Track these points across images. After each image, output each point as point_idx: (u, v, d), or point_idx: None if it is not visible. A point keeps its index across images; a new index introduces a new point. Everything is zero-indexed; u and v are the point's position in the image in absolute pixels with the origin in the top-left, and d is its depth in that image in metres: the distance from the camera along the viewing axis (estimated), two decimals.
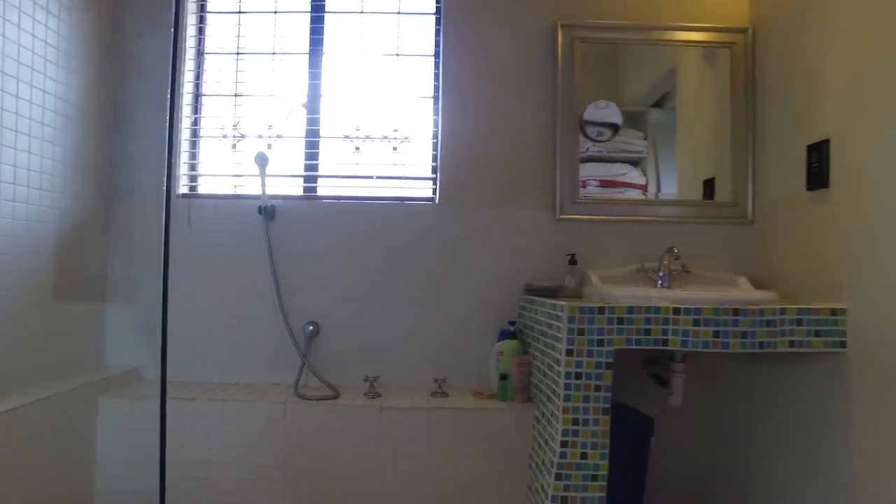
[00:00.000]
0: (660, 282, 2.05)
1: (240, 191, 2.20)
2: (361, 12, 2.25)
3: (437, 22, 2.25)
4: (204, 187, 2.24)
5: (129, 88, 2.15)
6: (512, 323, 2.07)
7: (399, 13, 2.25)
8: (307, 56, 2.25)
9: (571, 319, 1.59)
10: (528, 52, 2.18)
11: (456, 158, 2.16)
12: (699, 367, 2.07)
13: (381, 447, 1.78)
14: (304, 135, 2.23)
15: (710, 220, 2.20)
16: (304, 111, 2.23)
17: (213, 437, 1.79)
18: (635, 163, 2.25)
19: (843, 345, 1.65)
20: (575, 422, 1.58)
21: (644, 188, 2.24)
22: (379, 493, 1.78)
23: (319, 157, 2.22)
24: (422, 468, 1.79)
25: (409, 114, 2.24)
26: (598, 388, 1.59)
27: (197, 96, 2.23)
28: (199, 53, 2.24)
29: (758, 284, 2.04)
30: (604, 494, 1.57)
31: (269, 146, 2.20)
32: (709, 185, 2.27)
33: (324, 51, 2.24)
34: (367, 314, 2.10)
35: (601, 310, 1.60)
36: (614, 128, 2.20)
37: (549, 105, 2.18)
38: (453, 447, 1.81)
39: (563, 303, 1.64)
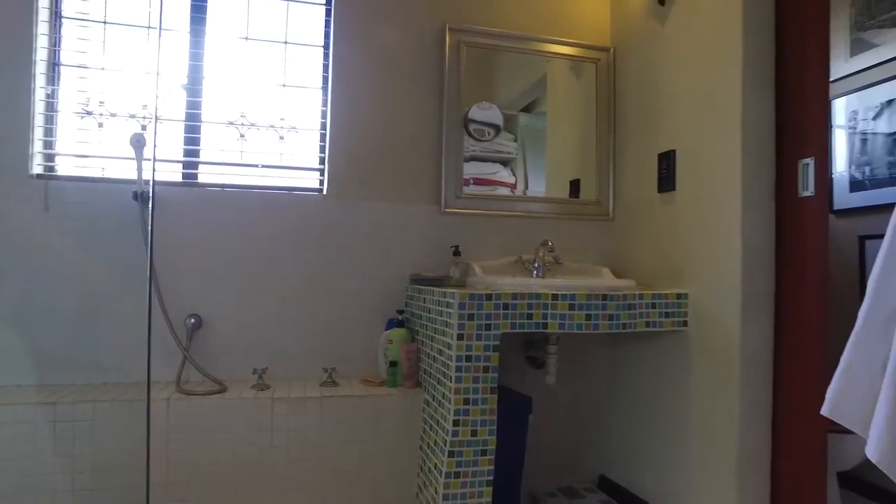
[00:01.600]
0: (535, 272, 2.24)
1: (108, 174, 2.01)
2: None
3: (328, 13, 2.24)
4: (64, 168, 2.01)
5: None
6: (400, 312, 2.14)
7: (288, 0, 2.21)
8: (188, 34, 2.12)
9: (462, 306, 1.69)
10: (417, 52, 2.26)
11: (345, 150, 2.17)
12: (569, 349, 2.31)
13: (274, 439, 1.75)
14: (183, 118, 2.10)
15: (576, 216, 2.44)
16: (184, 93, 2.10)
17: (80, 441, 1.63)
18: (505, 163, 2.42)
19: (685, 324, 1.94)
20: (466, 402, 1.69)
21: (513, 186, 2.42)
22: (273, 485, 1.75)
23: (201, 143, 2.11)
24: (315, 456, 1.79)
25: (296, 103, 2.21)
26: (486, 370, 1.71)
27: (54, 66, 2.00)
28: (56, 16, 2.01)
29: (618, 274, 2.31)
30: (492, 467, 1.70)
31: (144, 127, 2.04)
32: (574, 185, 2.51)
33: (206, 31, 2.13)
34: (253, 305, 2.04)
35: (489, 297, 1.72)
36: (496, 128, 2.35)
37: (437, 103, 2.27)
38: (346, 434, 1.83)
39: (454, 290, 1.75)
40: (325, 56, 2.23)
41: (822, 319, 1.66)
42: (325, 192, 2.15)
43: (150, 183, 1.80)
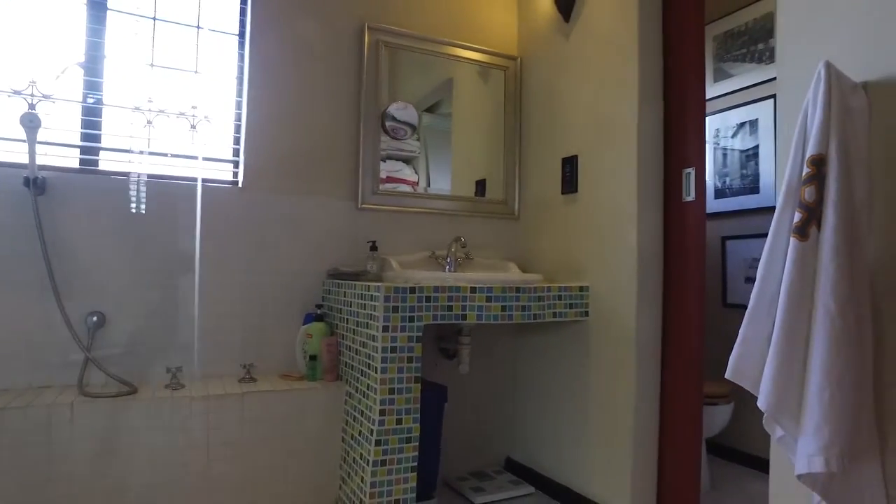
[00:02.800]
0: (448, 267, 2.34)
1: None
2: None
3: (243, 1, 2.18)
4: None
5: None
6: (319, 306, 2.14)
7: None
8: (86, 7, 1.95)
9: (387, 298, 1.75)
10: (337, 48, 2.27)
11: (262, 143, 2.13)
12: (479, 339, 2.44)
13: (193, 438, 1.68)
14: (81, 99, 1.93)
15: (484, 215, 2.58)
16: (82, 71, 1.94)
17: None
18: (407, 161, 2.49)
19: (586, 314, 2.14)
20: (391, 391, 1.74)
21: (415, 184, 2.49)
22: (194, 485, 1.68)
23: (102, 128, 1.95)
24: (237, 454, 1.75)
25: (209, 93, 2.12)
26: (409, 360, 1.78)
27: None
28: None
29: (524, 269, 2.48)
30: (416, 454, 1.77)
31: (32, 106, 1.85)
32: (480, 185, 2.65)
33: (107, 5, 1.97)
34: (163, 301, 1.93)
35: (412, 290, 1.79)
36: (413, 127, 2.42)
37: (355, 100, 2.30)
38: (268, 430, 1.81)
39: (379, 284, 1.79)
40: (241, 45, 2.17)
41: (701, 309, 1.93)
42: (240, 184, 2.09)
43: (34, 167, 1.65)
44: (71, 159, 1.92)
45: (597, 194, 2.17)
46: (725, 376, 0.96)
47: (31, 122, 1.70)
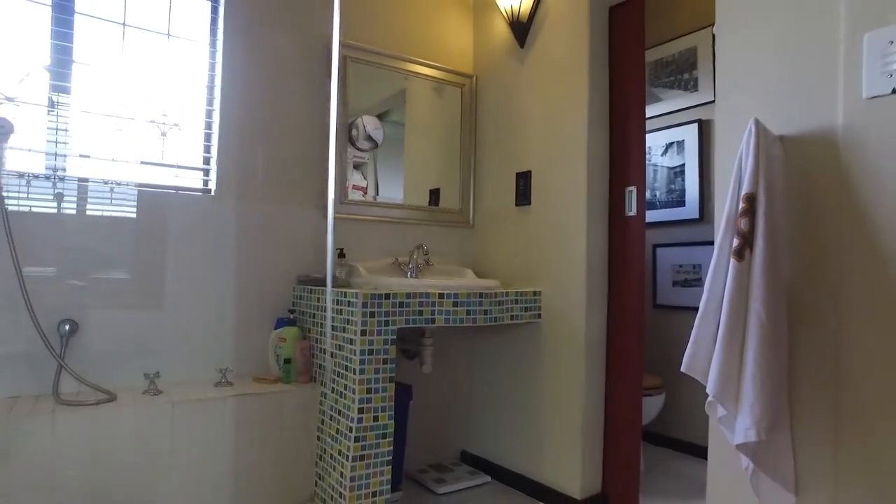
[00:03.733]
0: (410, 273, 2.49)
1: None
2: None
3: (213, 10, 2.21)
4: None
5: None
6: (291, 311, 2.22)
7: None
8: (50, 8, 1.93)
9: (364, 304, 1.87)
10: (307, 61, 2.35)
11: (234, 153, 2.18)
12: (439, 341, 2.60)
13: (174, 443, 1.73)
14: (46, 104, 1.91)
15: (441, 223, 2.74)
16: (48, 75, 1.91)
17: None
18: (357, 166, 2.57)
19: (539, 316, 2.35)
20: (368, 391, 1.87)
21: (364, 190, 2.60)
22: (174, 490, 1.73)
23: (69, 134, 1.94)
24: (218, 457, 1.81)
25: (179, 100, 2.14)
26: (385, 361, 1.91)
27: None
28: None
29: (479, 274, 2.67)
30: (391, 448, 1.91)
31: None
32: (434, 194, 2.80)
33: (76, 8, 1.96)
34: (136, 308, 1.95)
35: (387, 296, 1.93)
36: (375, 143, 2.53)
37: (323, 113, 2.38)
38: (248, 431, 1.87)
39: (357, 290, 1.91)
40: (212, 55, 2.20)
41: (640, 312, 2.19)
42: (213, 192, 2.13)
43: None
44: (36, 165, 1.89)
45: (549, 207, 2.38)
46: (681, 370, 1.17)
47: (4, 128, 1.68)
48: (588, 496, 2.19)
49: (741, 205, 1.14)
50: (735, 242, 1.13)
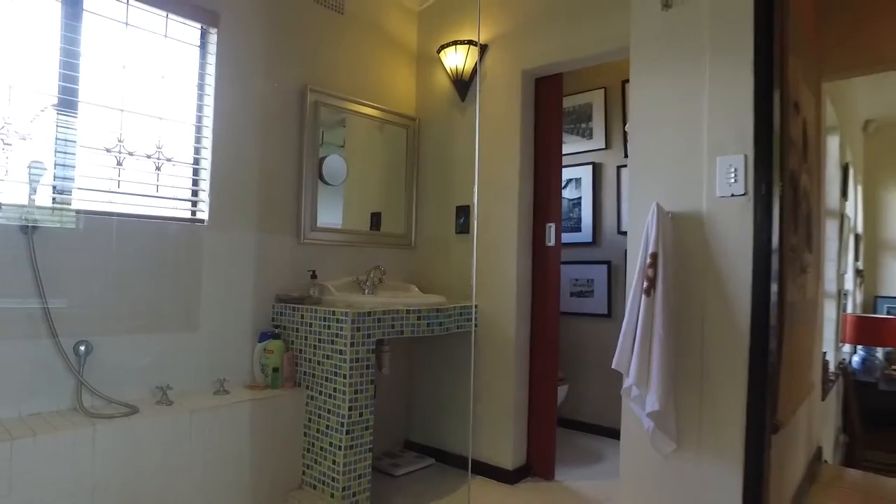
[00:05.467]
0: (367, 290, 2.90)
1: None
2: (126, 24, 2.24)
3: (202, 56, 2.47)
4: None
5: None
6: (276, 326, 2.54)
7: (166, 37, 2.36)
8: (59, 52, 2.09)
9: (354, 321, 2.28)
10: (285, 104, 2.67)
11: (224, 185, 2.45)
12: (394, 348, 3.04)
13: (193, 445, 2.01)
14: (54, 140, 2.07)
15: (388, 245, 3.18)
16: (55, 113, 2.07)
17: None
18: None
19: (477, 326, 2.90)
20: (355, 392, 2.28)
21: None
22: (192, 485, 2.01)
23: (76, 169, 2.11)
24: (224, 455, 2.12)
25: (170, 137, 2.37)
26: (368, 367, 2.34)
27: None
28: None
29: (422, 290, 3.14)
30: (372, 438, 2.33)
31: (9, 144, 1.96)
32: (376, 217, 3.21)
33: (80, 52, 2.13)
34: (140, 328, 2.17)
35: (369, 314, 2.35)
36: (344, 176, 2.91)
37: (297, 150, 2.72)
38: (249, 432, 2.20)
39: (347, 310, 2.31)
40: (199, 97, 2.45)
41: (556, 321, 2.81)
42: (206, 222, 2.39)
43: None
44: (44, 197, 2.04)
45: (486, 237, 2.93)
46: (612, 367, 1.76)
47: (36, 170, 1.85)
48: (517, 467, 2.78)
49: (648, 260, 1.75)
50: (644, 285, 1.74)
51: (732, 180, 1.75)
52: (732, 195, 1.75)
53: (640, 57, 2.00)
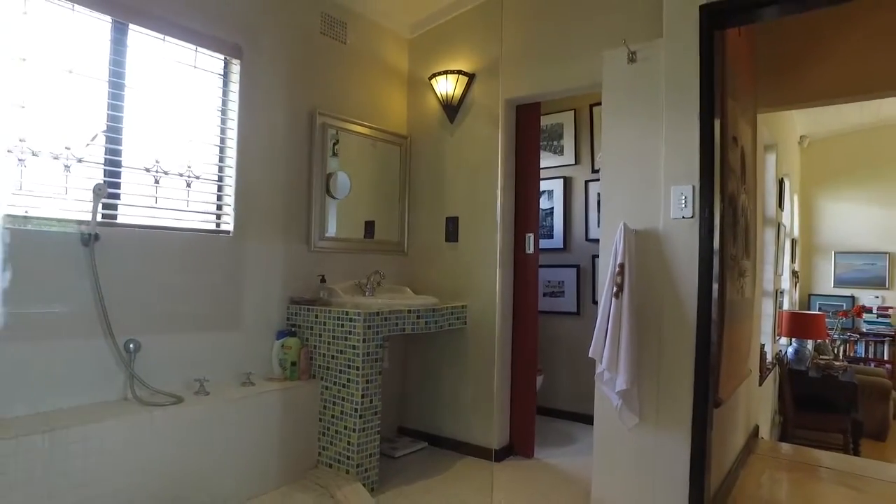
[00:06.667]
0: (368, 292, 3.25)
1: (32, 212, 2.13)
2: (162, 57, 2.52)
3: (225, 83, 2.76)
4: None
5: None
6: (292, 325, 2.86)
7: (195, 67, 2.64)
8: (107, 83, 2.36)
9: (366, 320, 2.63)
10: (298, 126, 2.99)
11: (245, 200, 2.75)
12: (393, 344, 3.39)
13: (229, 430, 2.33)
14: (103, 162, 2.34)
15: (384, 252, 3.53)
16: (103, 138, 2.34)
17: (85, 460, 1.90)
18: None
19: (465, 323, 3.28)
20: (367, 382, 2.63)
21: None
22: (231, 462, 2.32)
23: (121, 186, 2.39)
24: (258, 437, 2.44)
25: (197, 155, 2.66)
26: (377, 360, 2.69)
27: None
28: None
29: (415, 292, 3.50)
30: (380, 422, 2.69)
31: (67, 167, 2.23)
32: (370, 225, 3.55)
33: (125, 84, 2.40)
34: (177, 329, 2.46)
35: (378, 314, 2.70)
36: (346, 193, 3.24)
37: (307, 168, 3.04)
38: (275, 417, 2.52)
39: (359, 310, 2.66)
40: (223, 120, 2.75)
41: (535, 320, 3.22)
42: (231, 233, 2.70)
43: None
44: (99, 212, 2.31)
45: (472, 245, 3.31)
46: (589, 355, 2.17)
47: (99, 191, 2.13)
48: (501, 447, 3.18)
49: (617, 269, 2.17)
50: (614, 289, 2.16)
51: (683, 205, 2.19)
52: (683, 217, 2.19)
53: (610, 101, 2.43)
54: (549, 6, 3.09)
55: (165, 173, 2.54)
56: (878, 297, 6.25)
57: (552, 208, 4.27)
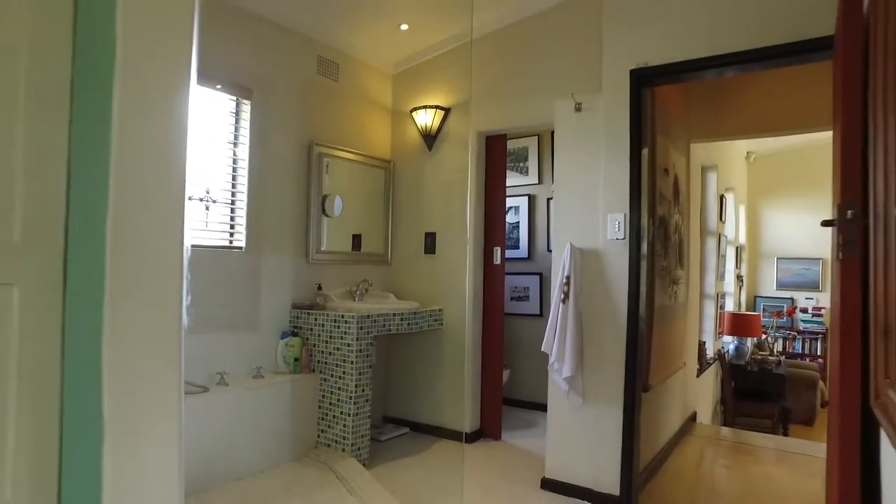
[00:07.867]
0: (357, 298, 3.73)
1: None
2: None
3: (236, 119, 3.23)
4: None
5: None
6: (295, 327, 3.33)
7: (212, 105, 3.10)
8: None
9: (359, 322, 3.12)
10: (298, 155, 3.46)
11: (255, 219, 3.22)
12: (378, 343, 3.88)
13: (245, 415, 2.79)
14: None
15: (370, 262, 4.01)
16: None
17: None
18: None
19: (442, 325, 3.80)
20: (360, 374, 3.12)
21: None
22: (250, 441, 2.79)
23: None
24: (265, 422, 2.91)
25: (214, 181, 3.12)
26: (368, 356, 3.18)
27: None
28: None
29: (398, 297, 4.00)
30: (370, 408, 3.18)
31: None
32: (357, 238, 4.04)
33: None
34: (199, 330, 2.91)
35: (368, 316, 3.19)
36: (341, 210, 3.73)
37: (306, 189, 3.52)
38: (283, 404, 2.99)
39: (353, 314, 3.15)
40: (234, 151, 3.21)
41: (501, 322, 3.76)
42: (244, 249, 3.16)
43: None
44: None
45: (447, 256, 3.83)
46: (541, 349, 2.70)
47: None
48: (472, 430, 3.70)
49: (564, 280, 2.71)
50: (562, 296, 2.70)
51: (617, 229, 2.74)
52: (617, 238, 2.74)
53: (561, 141, 2.97)
54: (512, 56, 3.62)
55: (190, 198, 2.98)
56: (811, 299, 6.97)
57: (518, 222, 4.81)
